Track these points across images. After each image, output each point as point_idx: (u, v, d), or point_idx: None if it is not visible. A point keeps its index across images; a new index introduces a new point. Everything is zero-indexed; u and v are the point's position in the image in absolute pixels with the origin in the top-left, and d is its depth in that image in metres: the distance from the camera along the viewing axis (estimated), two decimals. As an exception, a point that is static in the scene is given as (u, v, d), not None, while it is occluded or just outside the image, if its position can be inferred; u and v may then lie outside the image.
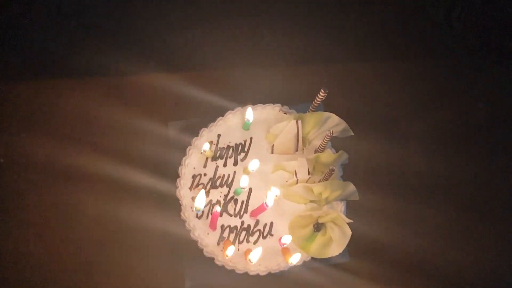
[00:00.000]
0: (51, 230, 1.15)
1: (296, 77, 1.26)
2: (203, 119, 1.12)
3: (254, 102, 1.12)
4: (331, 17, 1.36)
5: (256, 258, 0.95)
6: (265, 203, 0.94)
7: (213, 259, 1.00)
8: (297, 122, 1.02)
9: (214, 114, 1.12)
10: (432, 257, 1.20)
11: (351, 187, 1.02)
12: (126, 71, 1.26)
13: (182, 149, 1.09)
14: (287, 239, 0.97)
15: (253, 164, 1.00)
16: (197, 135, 1.07)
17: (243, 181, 0.98)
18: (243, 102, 1.11)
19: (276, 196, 0.97)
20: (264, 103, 1.10)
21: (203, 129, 1.07)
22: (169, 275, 1.12)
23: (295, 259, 0.97)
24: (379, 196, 1.19)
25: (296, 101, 1.17)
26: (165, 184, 1.12)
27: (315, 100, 1.00)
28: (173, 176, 1.08)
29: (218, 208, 0.95)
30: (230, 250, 0.96)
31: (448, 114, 1.31)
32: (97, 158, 1.19)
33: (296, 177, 1.01)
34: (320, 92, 0.98)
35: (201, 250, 1.01)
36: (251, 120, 1.04)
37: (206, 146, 1.01)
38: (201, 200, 0.94)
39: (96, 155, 1.19)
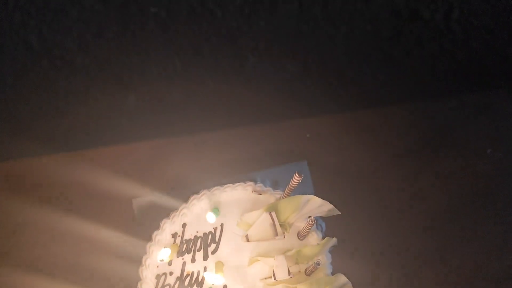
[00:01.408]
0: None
1: (267, 136, 1.09)
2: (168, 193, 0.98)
3: (222, 176, 0.97)
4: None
5: None
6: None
7: None
8: (270, 214, 0.86)
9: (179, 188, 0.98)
10: None
11: (342, 279, 0.86)
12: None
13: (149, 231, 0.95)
14: None
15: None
16: (165, 217, 0.93)
17: (210, 278, 0.85)
18: (209, 179, 0.96)
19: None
20: (233, 182, 0.94)
21: (164, 220, 0.92)
22: None
23: None
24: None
25: (271, 164, 1.02)
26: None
27: (290, 185, 0.83)
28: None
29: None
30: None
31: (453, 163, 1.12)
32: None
33: (275, 278, 0.86)
34: (294, 176, 0.81)
35: None
36: (212, 219, 0.90)
37: (163, 255, 0.86)
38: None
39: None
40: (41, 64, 1.10)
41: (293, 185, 0.83)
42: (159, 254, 0.87)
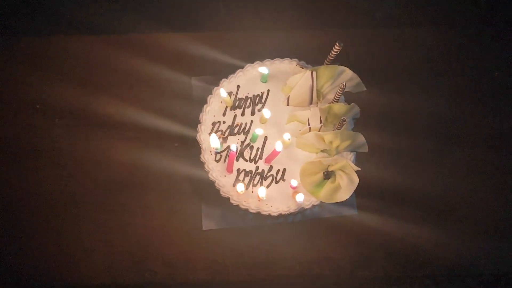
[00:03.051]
0: (82, 171, 1.26)
1: (316, 39, 1.31)
2: (223, 75, 1.20)
3: (272, 58, 1.18)
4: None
5: (262, 193, 1.04)
6: (275, 147, 1.02)
7: (229, 199, 1.09)
8: (311, 73, 1.08)
9: (234, 71, 1.19)
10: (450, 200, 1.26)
11: (361, 138, 1.08)
12: (146, 30, 1.35)
13: (204, 101, 1.17)
14: (294, 182, 1.05)
15: (266, 113, 1.08)
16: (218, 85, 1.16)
17: (258, 130, 1.07)
18: (263, 59, 1.18)
19: (289, 139, 1.04)
20: (282, 57, 1.16)
21: (223, 79, 1.15)
22: (190, 216, 1.22)
23: (300, 198, 1.05)
24: (391, 145, 1.26)
25: (315, 63, 1.24)
26: (188, 131, 1.21)
27: (330, 54, 1.05)
28: (195, 124, 1.17)
29: (233, 147, 1.03)
30: (240, 187, 1.05)
31: (463, 79, 1.35)
32: (126, 108, 1.28)
33: (309, 125, 1.08)
34: (335, 46, 1.03)
35: (218, 191, 1.10)
36: (265, 73, 1.11)
37: (223, 93, 1.09)
38: (214, 141, 1.02)
39: (125, 104, 1.29)
40: None
41: (333, 54, 1.05)
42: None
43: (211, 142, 1.05)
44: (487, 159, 1.29)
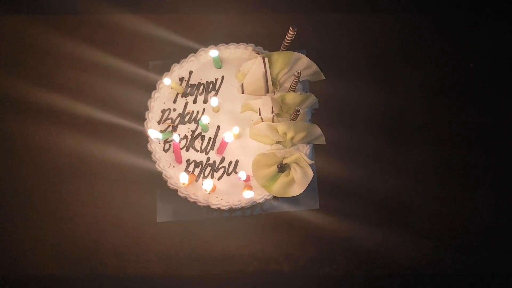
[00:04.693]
0: (33, 158, 1.21)
1: (277, 24, 1.24)
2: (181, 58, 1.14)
3: (228, 42, 1.12)
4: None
5: (208, 187, 0.98)
6: (223, 137, 0.96)
7: (176, 191, 1.04)
8: (263, 59, 1.02)
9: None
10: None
11: (317, 130, 1.02)
12: (99, 11, 1.27)
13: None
14: (242, 175, 0.99)
15: (213, 101, 1.02)
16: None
17: (205, 118, 1.01)
18: (219, 43, 1.12)
19: (238, 133, 0.98)
20: (237, 42, 1.09)
21: (174, 64, 1.08)
22: (144, 207, 1.17)
23: (248, 195, 0.99)
24: (352, 139, 1.19)
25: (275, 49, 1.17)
26: (139, 121, 1.15)
27: (285, 40, 0.99)
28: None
29: (175, 137, 0.97)
30: (184, 177, 0.99)
31: (429, 71, 1.27)
32: (78, 93, 1.23)
33: (260, 115, 1.02)
34: (289, 30, 0.96)
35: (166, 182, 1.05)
36: (215, 56, 1.04)
37: (167, 81, 1.03)
38: (154, 134, 0.97)
39: (78, 90, 1.23)
40: None
41: (288, 40, 0.99)
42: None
43: (150, 134, 0.99)
44: (455, 156, 1.23)
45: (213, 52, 1.04)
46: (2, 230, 1.17)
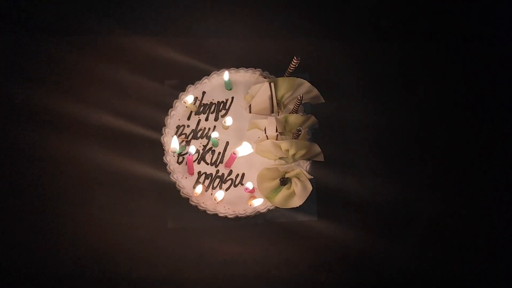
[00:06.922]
0: (55, 167, 1.32)
1: (283, 50, 1.37)
2: (195, 80, 1.25)
3: (238, 67, 1.24)
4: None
5: (220, 196, 1.09)
6: (233, 152, 1.07)
7: (188, 199, 1.14)
8: (269, 84, 1.13)
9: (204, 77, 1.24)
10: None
11: (316, 148, 1.13)
12: (120, 34, 1.39)
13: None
14: (249, 185, 1.10)
15: (228, 120, 1.13)
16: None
17: (214, 134, 1.14)
18: (235, 67, 1.23)
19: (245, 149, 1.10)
20: (246, 67, 1.21)
21: (189, 85, 1.20)
22: (156, 214, 1.28)
23: (257, 202, 1.10)
24: (348, 155, 1.32)
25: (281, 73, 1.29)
26: (157, 134, 1.25)
27: (289, 67, 1.10)
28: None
29: (192, 150, 1.08)
30: (199, 188, 1.10)
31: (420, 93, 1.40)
32: (97, 109, 1.33)
33: (265, 133, 1.13)
34: (293, 59, 1.08)
35: (179, 191, 1.15)
36: (226, 80, 1.16)
37: (190, 99, 1.14)
38: (174, 143, 1.08)
39: (97, 105, 1.34)
40: None
41: (292, 67, 1.10)
42: (187, 98, 1.15)
43: (171, 143, 1.10)
44: (450, 169, 1.35)
45: (226, 75, 1.16)
46: (27, 232, 1.28)
